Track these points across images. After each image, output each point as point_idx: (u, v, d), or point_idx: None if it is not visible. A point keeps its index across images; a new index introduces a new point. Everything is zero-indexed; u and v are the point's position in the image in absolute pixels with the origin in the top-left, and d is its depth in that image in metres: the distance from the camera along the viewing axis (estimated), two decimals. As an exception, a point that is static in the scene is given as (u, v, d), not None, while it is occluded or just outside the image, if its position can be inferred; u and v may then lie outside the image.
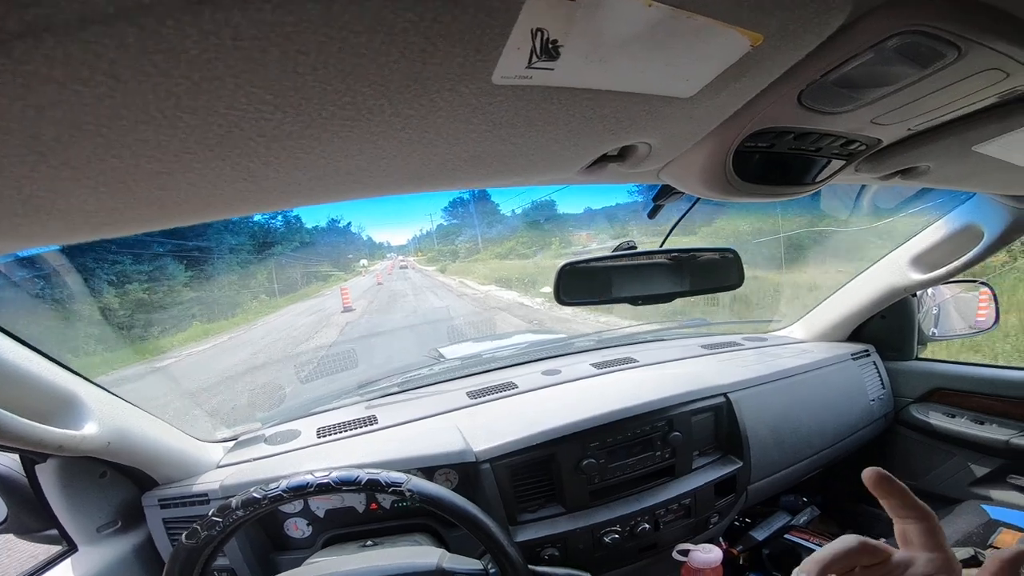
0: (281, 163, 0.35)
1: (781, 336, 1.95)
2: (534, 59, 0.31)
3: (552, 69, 0.32)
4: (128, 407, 1.02)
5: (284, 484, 0.79)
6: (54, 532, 1.02)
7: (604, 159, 0.53)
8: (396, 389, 1.57)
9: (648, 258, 0.92)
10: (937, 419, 1.65)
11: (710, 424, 1.40)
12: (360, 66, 0.27)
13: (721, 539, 1.52)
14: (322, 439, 1.27)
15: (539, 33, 0.29)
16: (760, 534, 1.58)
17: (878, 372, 1.75)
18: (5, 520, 1.01)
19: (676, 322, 2.11)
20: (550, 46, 0.30)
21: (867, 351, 1.77)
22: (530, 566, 0.89)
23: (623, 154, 0.54)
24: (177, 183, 0.34)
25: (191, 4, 0.20)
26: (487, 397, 1.43)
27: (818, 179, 0.70)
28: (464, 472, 1.14)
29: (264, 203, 0.42)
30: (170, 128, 0.28)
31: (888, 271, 1.61)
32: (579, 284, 0.89)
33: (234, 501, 0.78)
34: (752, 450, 1.38)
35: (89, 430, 0.86)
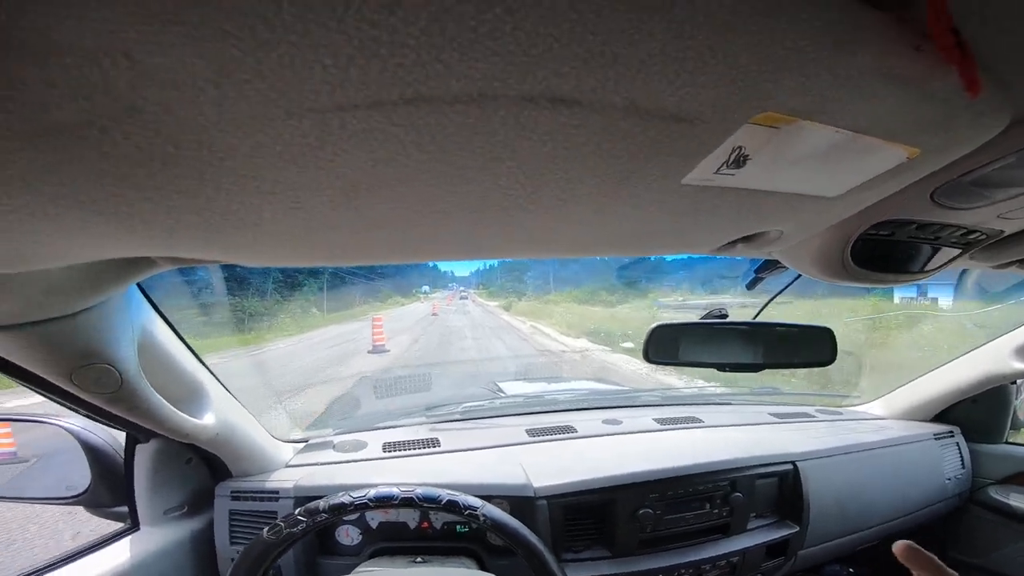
0: (498, 226, 0.42)
1: (858, 411, 1.86)
2: (723, 168, 0.35)
3: (734, 175, 0.37)
4: (232, 400, 1.08)
5: (372, 493, 0.83)
6: (123, 509, 1.05)
7: (736, 240, 0.56)
8: (458, 416, 1.61)
9: (741, 328, 0.92)
10: (1017, 500, 1.54)
11: (773, 489, 1.36)
12: (596, 164, 0.33)
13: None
14: (387, 454, 1.32)
15: (738, 149, 0.33)
16: None
17: (959, 452, 1.65)
18: (84, 492, 1.04)
19: (746, 389, 2.04)
20: (741, 159, 0.34)
21: (951, 432, 1.67)
22: None
23: (751, 237, 0.57)
24: (419, 233, 0.42)
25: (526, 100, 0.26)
26: (547, 437, 1.44)
27: (931, 267, 0.69)
28: (518, 505, 1.14)
29: (463, 254, 0.51)
30: (447, 191, 0.34)
31: (989, 358, 1.54)
32: (668, 345, 0.91)
33: (322, 504, 0.82)
34: (812, 517, 1.33)
35: (208, 420, 0.92)
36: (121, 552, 0.96)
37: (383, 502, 0.83)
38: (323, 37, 0.20)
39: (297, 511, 0.82)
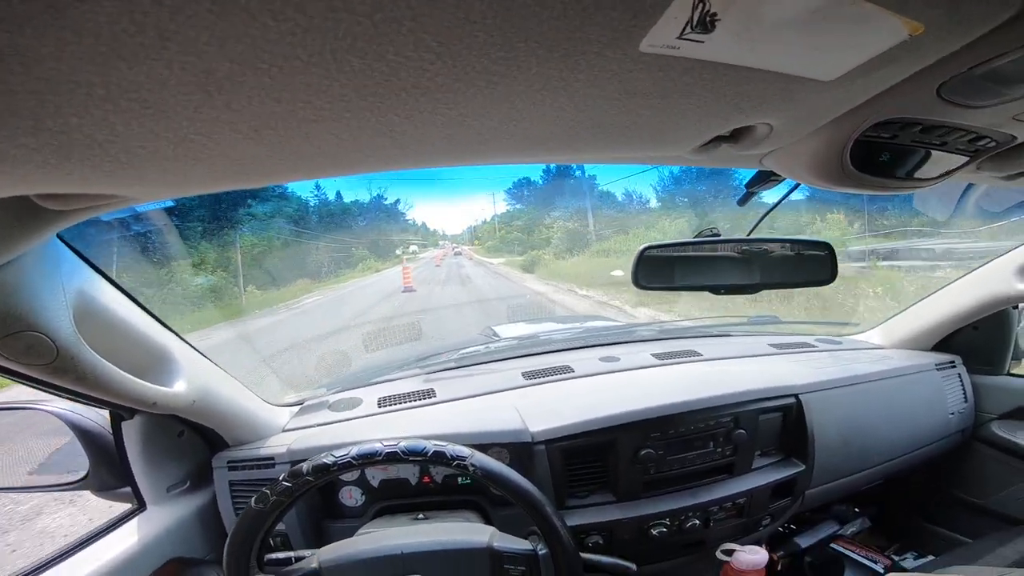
0: (421, 118, 0.34)
1: (858, 340, 1.84)
2: (687, 30, 0.30)
3: (702, 42, 0.31)
4: (211, 366, 1.05)
5: (354, 451, 0.81)
6: (127, 490, 1.04)
7: (718, 139, 0.50)
8: (453, 364, 1.59)
9: (733, 247, 0.87)
10: (1022, 437, 1.52)
11: (777, 425, 1.34)
12: (524, 19, 0.26)
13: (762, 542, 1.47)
14: (383, 408, 1.30)
15: (700, 4, 0.28)
16: (804, 541, 1.52)
17: (962, 385, 1.63)
18: (86, 476, 1.02)
19: (744, 318, 2.01)
20: (708, 19, 0.29)
21: (952, 362, 1.65)
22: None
23: (737, 135, 0.51)
24: (321, 134, 0.34)
25: None
26: (543, 379, 1.42)
27: (934, 174, 0.65)
28: (517, 452, 1.14)
29: (392, 162, 0.42)
30: (336, 72, 0.27)
31: (991, 279, 1.48)
32: (659, 269, 0.86)
33: (305, 466, 0.80)
34: (817, 454, 1.32)
35: (179, 387, 0.88)
36: (130, 534, 0.96)
37: (367, 459, 0.81)
38: None
39: (281, 476, 0.80)
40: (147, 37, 0.22)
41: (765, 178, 0.77)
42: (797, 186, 0.77)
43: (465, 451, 0.84)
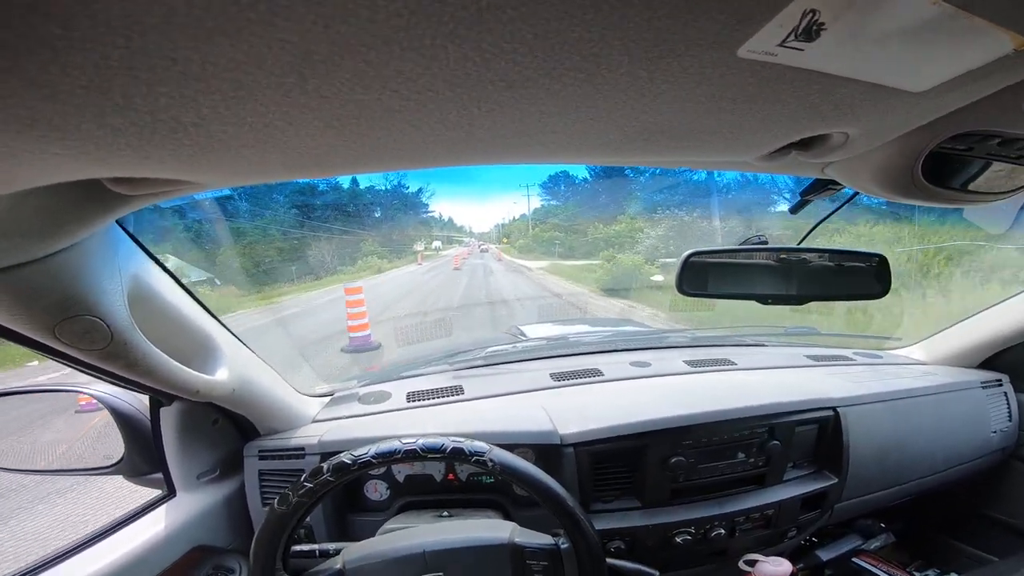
0: (501, 112, 0.34)
1: (899, 355, 1.78)
2: (790, 38, 0.29)
3: (802, 50, 0.30)
4: (250, 355, 1.06)
5: (373, 450, 0.81)
6: (159, 476, 1.04)
7: (789, 146, 0.48)
8: (481, 362, 1.59)
9: (783, 255, 0.84)
10: None
11: (812, 437, 1.31)
12: (627, 19, 0.25)
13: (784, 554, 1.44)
14: (411, 403, 1.31)
15: (811, 14, 0.27)
16: (826, 554, 1.48)
17: (1007, 403, 1.57)
18: (120, 461, 1.03)
19: (780, 328, 1.96)
20: (813, 28, 0.28)
21: (999, 380, 1.58)
22: None
23: (808, 142, 0.49)
24: (401, 125, 0.33)
25: None
26: (572, 381, 1.41)
27: (1009, 188, 0.63)
28: (544, 453, 1.13)
29: (462, 157, 0.41)
30: (430, 60, 0.27)
31: None
32: (704, 276, 0.84)
33: (325, 466, 0.79)
34: (851, 468, 1.28)
35: (221, 375, 0.89)
36: (159, 520, 0.97)
37: (386, 457, 0.81)
38: None
39: (302, 477, 0.81)
40: (257, 11, 0.21)
41: (823, 187, 0.75)
42: (855, 195, 0.74)
43: (484, 447, 0.83)
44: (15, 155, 0.29)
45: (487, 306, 8.98)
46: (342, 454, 0.81)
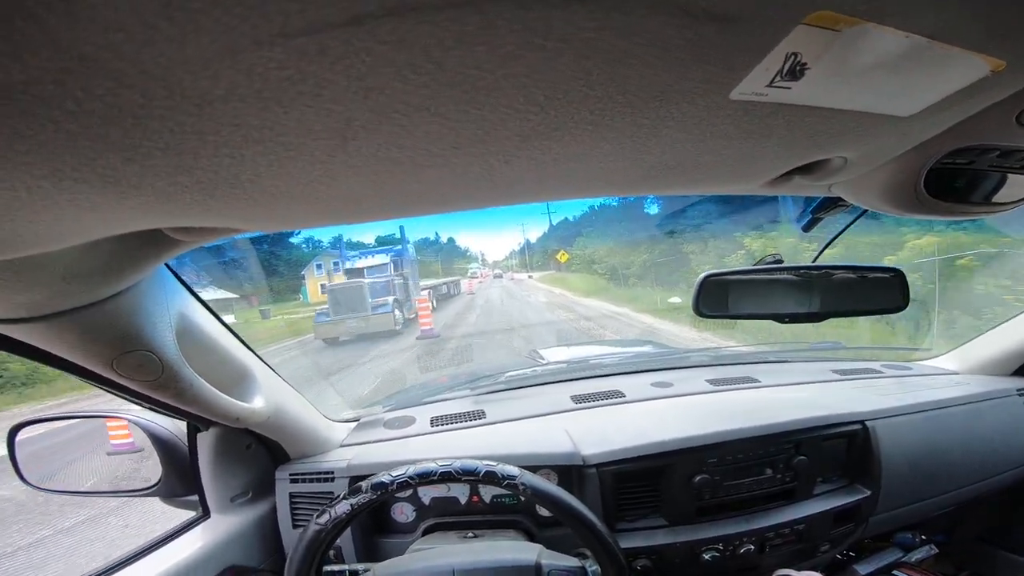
0: (518, 162, 0.37)
1: (929, 366, 1.74)
2: (777, 79, 0.31)
3: (790, 88, 0.32)
4: (282, 383, 1.10)
5: (411, 470, 0.83)
6: (194, 498, 1.08)
7: (790, 172, 0.50)
8: (502, 386, 1.60)
9: (799, 274, 0.85)
10: None
11: (841, 451, 1.28)
12: (627, 76, 0.28)
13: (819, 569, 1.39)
14: (435, 428, 1.33)
15: (792, 56, 0.29)
16: (864, 568, 1.41)
17: None
18: (157, 483, 1.07)
19: (804, 345, 1.93)
20: (797, 68, 0.30)
21: None
22: None
23: (809, 167, 0.51)
24: (429, 176, 0.37)
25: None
26: (593, 403, 1.41)
27: (1015, 198, 0.63)
28: (566, 474, 1.13)
29: (486, 200, 0.45)
30: (455, 121, 0.30)
31: None
32: (721, 297, 0.85)
33: (364, 484, 0.82)
34: (884, 481, 1.25)
35: (257, 403, 0.93)
36: (194, 540, 1.00)
37: (423, 478, 0.83)
38: None
39: (341, 495, 0.83)
40: (307, 85, 0.25)
41: (832, 204, 0.76)
42: (865, 212, 0.75)
43: (515, 471, 0.85)
44: (95, 209, 0.33)
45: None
46: (380, 474, 0.83)
